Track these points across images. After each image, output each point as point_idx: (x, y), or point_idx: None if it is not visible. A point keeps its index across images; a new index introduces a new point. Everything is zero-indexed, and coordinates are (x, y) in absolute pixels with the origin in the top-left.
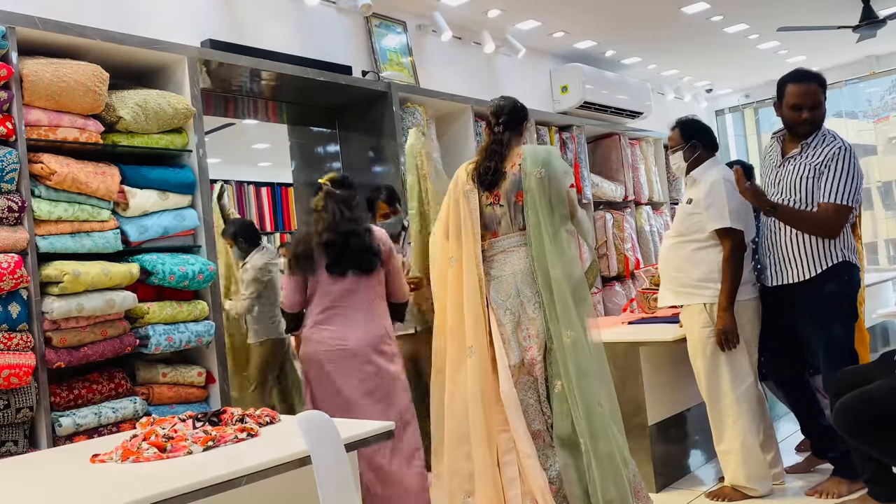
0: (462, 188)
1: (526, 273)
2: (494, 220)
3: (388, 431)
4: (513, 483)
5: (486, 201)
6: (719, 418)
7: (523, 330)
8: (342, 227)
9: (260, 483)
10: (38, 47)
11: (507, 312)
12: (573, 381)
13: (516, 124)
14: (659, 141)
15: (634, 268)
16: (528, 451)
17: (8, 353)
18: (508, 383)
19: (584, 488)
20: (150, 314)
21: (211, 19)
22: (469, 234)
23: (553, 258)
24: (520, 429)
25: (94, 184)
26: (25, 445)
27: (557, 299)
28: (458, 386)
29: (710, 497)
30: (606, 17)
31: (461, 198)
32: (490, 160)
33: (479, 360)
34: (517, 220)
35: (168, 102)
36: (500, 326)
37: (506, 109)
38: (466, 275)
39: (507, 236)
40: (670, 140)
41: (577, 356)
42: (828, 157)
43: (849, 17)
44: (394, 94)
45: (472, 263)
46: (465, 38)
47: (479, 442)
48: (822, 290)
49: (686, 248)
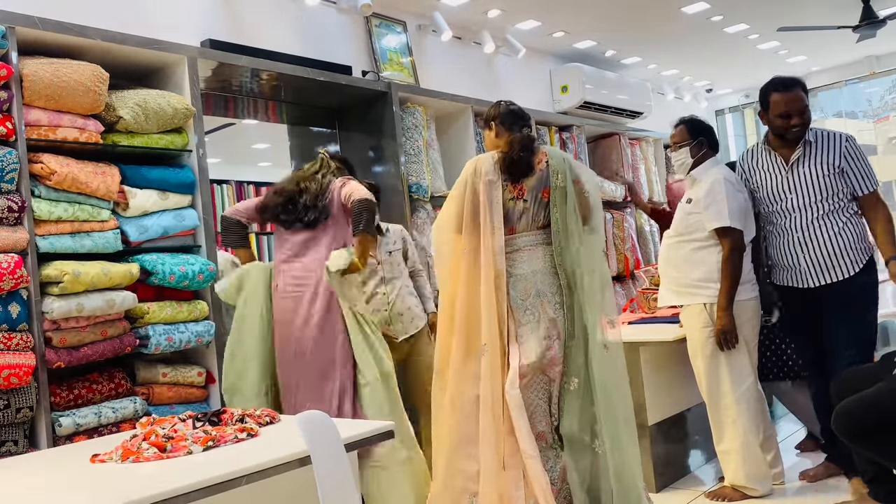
0: (485, 178)
1: (546, 273)
2: (515, 215)
3: (389, 431)
4: (517, 485)
5: (509, 195)
6: (719, 418)
7: (542, 329)
8: (304, 184)
9: (260, 483)
10: (38, 47)
11: (526, 312)
12: (596, 383)
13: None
14: (659, 141)
15: (634, 268)
16: (530, 451)
17: (8, 353)
18: (514, 383)
19: (586, 490)
20: (150, 314)
21: (211, 19)
22: (489, 225)
23: (584, 257)
24: (523, 429)
25: (94, 184)
26: (25, 445)
27: (587, 299)
28: (466, 384)
29: (710, 497)
30: (606, 17)
31: (482, 187)
32: (524, 151)
33: (492, 359)
34: (538, 218)
35: (168, 102)
36: (518, 326)
37: (529, 116)
38: (484, 268)
39: (526, 233)
40: (673, 137)
41: (603, 358)
42: (844, 151)
43: (849, 17)
44: (394, 94)
45: (491, 257)
46: (465, 38)
47: (488, 442)
48: (859, 282)
49: (686, 248)
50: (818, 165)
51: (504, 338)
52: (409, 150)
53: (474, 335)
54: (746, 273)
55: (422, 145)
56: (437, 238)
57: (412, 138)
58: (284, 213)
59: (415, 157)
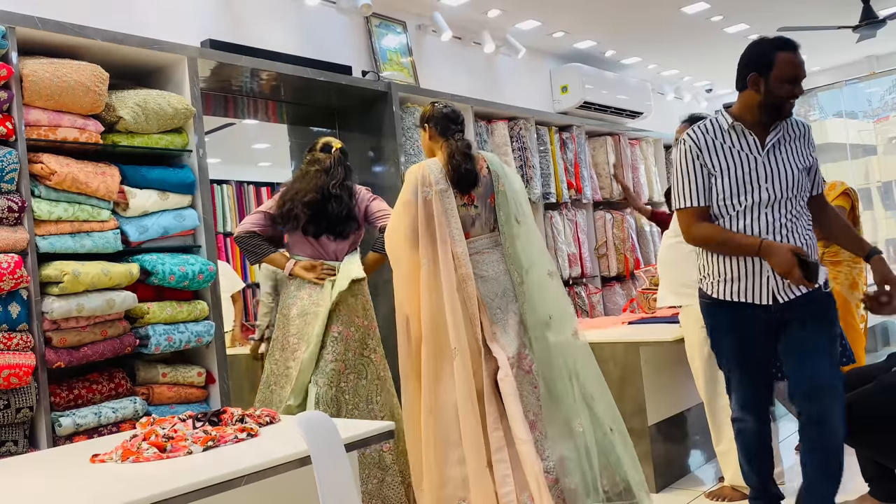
0: (436, 187)
1: (505, 272)
2: (468, 221)
3: (389, 431)
4: (505, 480)
5: (460, 202)
6: (717, 419)
7: (513, 325)
8: (334, 192)
9: (260, 483)
10: (38, 47)
11: (497, 311)
12: (564, 373)
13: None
14: (659, 141)
15: (634, 268)
16: (524, 436)
17: (8, 353)
18: (506, 372)
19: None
20: (150, 314)
21: (211, 19)
22: (447, 234)
23: (524, 255)
24: (517, 414)
25: (94, 184)
26: (25, 445)
27: (537, 293)
28: (443, 391)
29: (710, 497)
30: (606, 17)
31: (435, 197)
32: (468, 163)
33: (464, 361)
34: (489, 222)
35: (168, 102)
36: (492, 325)
37: (461, 117)
38: (445, 275)
39: (481, 237)
40: (679, 132)
41: (564, 349)
42: (812, 141)
43: (849, 17)
44: (394, 94)
45: (451, 264)
46: (465, 38)
47: (472, 443)
48: (828, 293)
49: (685, 249)
50: (794, 154)
51: (479, 339)
52: (409, 150)
53: (444, 342)
54: None
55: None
56: (392, 248)
57: (412, 138)
58: (313, 224)
59: (415, 158)
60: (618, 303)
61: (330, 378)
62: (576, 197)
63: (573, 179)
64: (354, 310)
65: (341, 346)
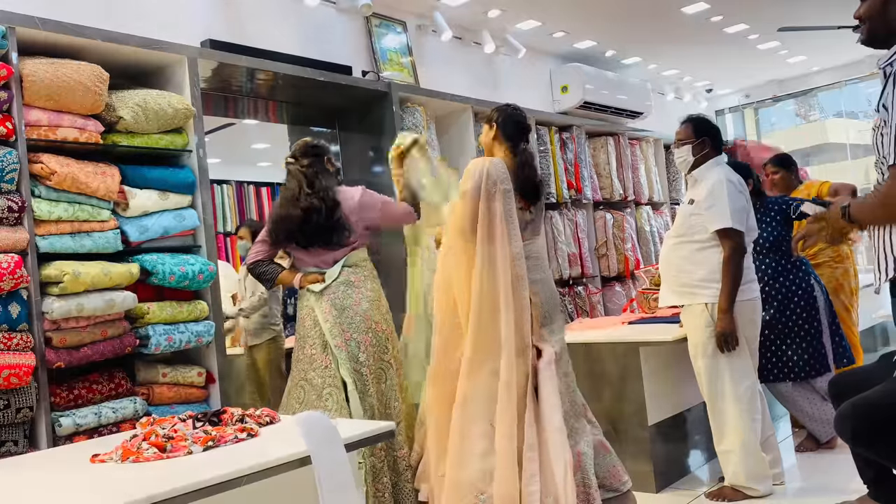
0: (501, 186)
1: (552, 277)
2: (522, 225)
3: (389, 431)
4: (532, 479)
5: (518, 205)
6: (720, 418)
7: (559, 325)
8: (303, 203)
9: (260, 483)
10: (38, 47)
11: (547, 314)
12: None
13: None
14: (659, 141)
15: (634, 268)
16: (558, 424)
17: (8, 353)
18: (550, 363)
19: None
20: (150, 314)
21: (211, 19)
22: (506, 233)
23: None
24: (555, 403)
25: (94, 184)
26: (25, 445)
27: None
28: (482, 383)
29: (710, 497)
30: (606, 17)
31: (499, 196)
32: (536, 175)
33: (509, 360)
34: (538, 228)
35: (168, 102)
36: (541, 328)
37: (530, 127)
38: (501, 274)
39: (531, 242)
40: (678, 133)
41: None
42: None
43: (849, 17)
44: (394, 94)
45: (508, 263)
46: (465, 38)
47: (504, 434)
48: None
49: (687, 249)
50: None
51: (527, 339)
52: None
53: (491, 336)
54: (747, 274)
55: None
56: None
57: None
58: (302, 236)
59: None
60: (618, 303)
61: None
62: (576, 197)
63: (573, 179)
64: (370, 316)
65: (363, 353)
